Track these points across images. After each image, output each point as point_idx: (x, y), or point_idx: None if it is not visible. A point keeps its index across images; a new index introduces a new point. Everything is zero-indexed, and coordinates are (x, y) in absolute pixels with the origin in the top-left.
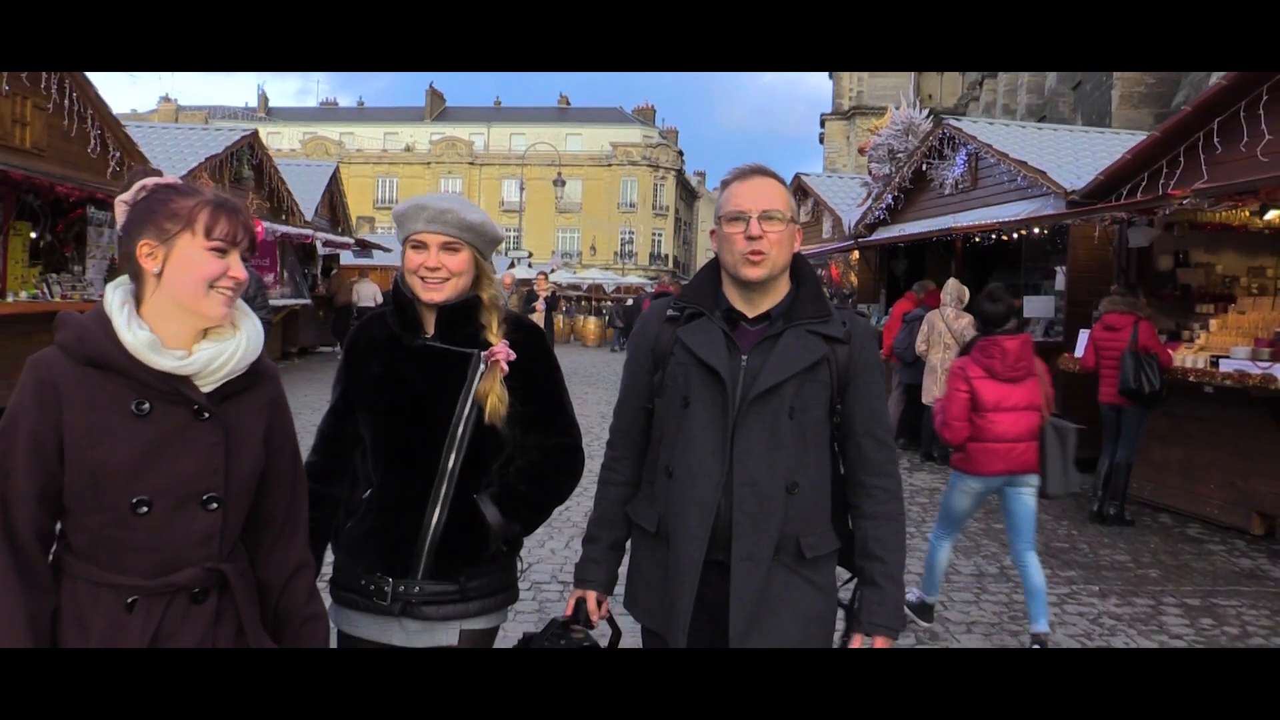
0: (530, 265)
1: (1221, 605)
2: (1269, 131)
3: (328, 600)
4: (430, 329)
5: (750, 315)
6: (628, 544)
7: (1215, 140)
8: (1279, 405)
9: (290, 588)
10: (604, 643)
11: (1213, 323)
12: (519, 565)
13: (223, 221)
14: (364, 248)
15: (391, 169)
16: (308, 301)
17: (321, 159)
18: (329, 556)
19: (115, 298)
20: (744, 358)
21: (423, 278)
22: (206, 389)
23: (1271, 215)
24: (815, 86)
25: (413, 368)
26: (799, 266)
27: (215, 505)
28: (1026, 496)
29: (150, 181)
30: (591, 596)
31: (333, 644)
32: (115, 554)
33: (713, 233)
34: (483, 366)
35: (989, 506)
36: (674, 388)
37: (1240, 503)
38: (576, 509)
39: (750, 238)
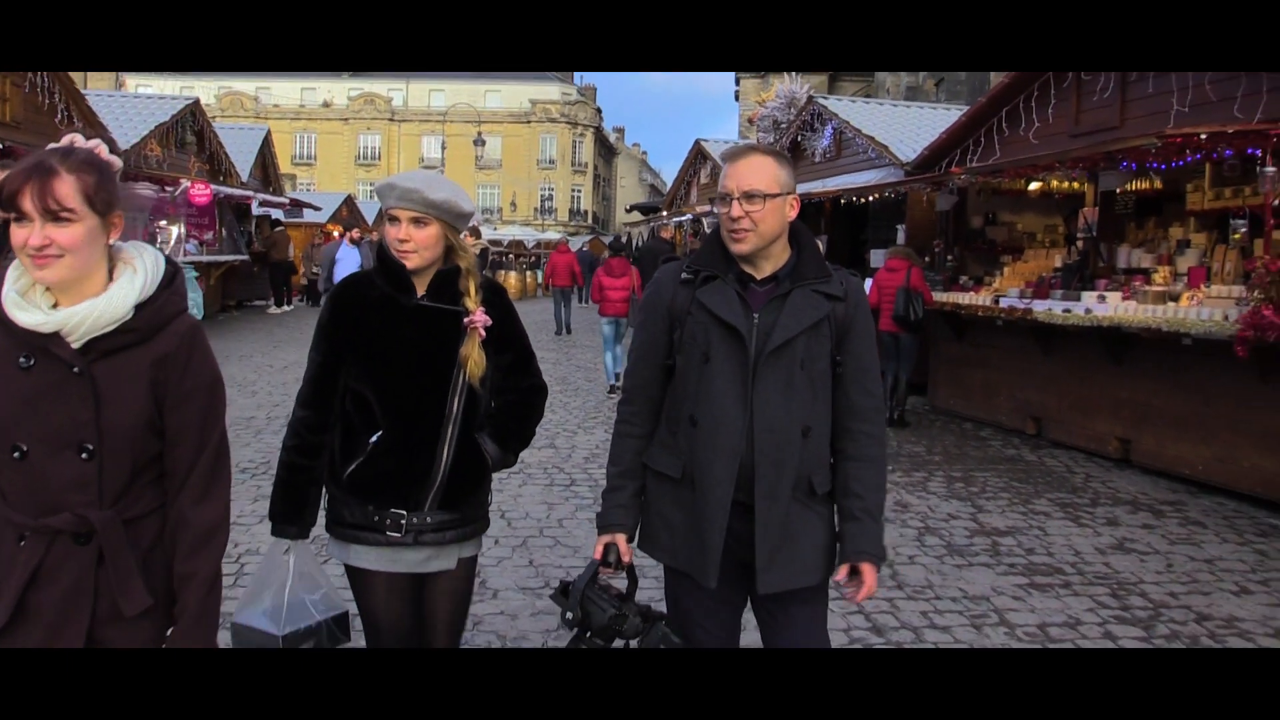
0: None
1: (976, 476)
2: (1038, 120)
3: (323, 539)
4: (421, 290)
5: (758, 277)
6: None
7: (1004, 125)
8: (1040, 332)
9: (175, 540)
10: (623, 587)
11: (1006, 270)
12: (488, 500)
13: (4, 194)
14: (297, 207)
15: (310, 125)
16: (245, 257)
17: (237, 113)
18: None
19: (11, 261)
20: (755, 315)
21: (396, 249)
22: (75, 345)
23: (1034, 186)
24: None
25: (412, 325)
26: (797, 231)
27: (87, 455)
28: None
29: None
30: (621, 539)
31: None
32: (11, 494)
33: (716, 210)
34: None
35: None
36: (694, 344)
37: (1019, 410)
38: None
39: (732, 217)
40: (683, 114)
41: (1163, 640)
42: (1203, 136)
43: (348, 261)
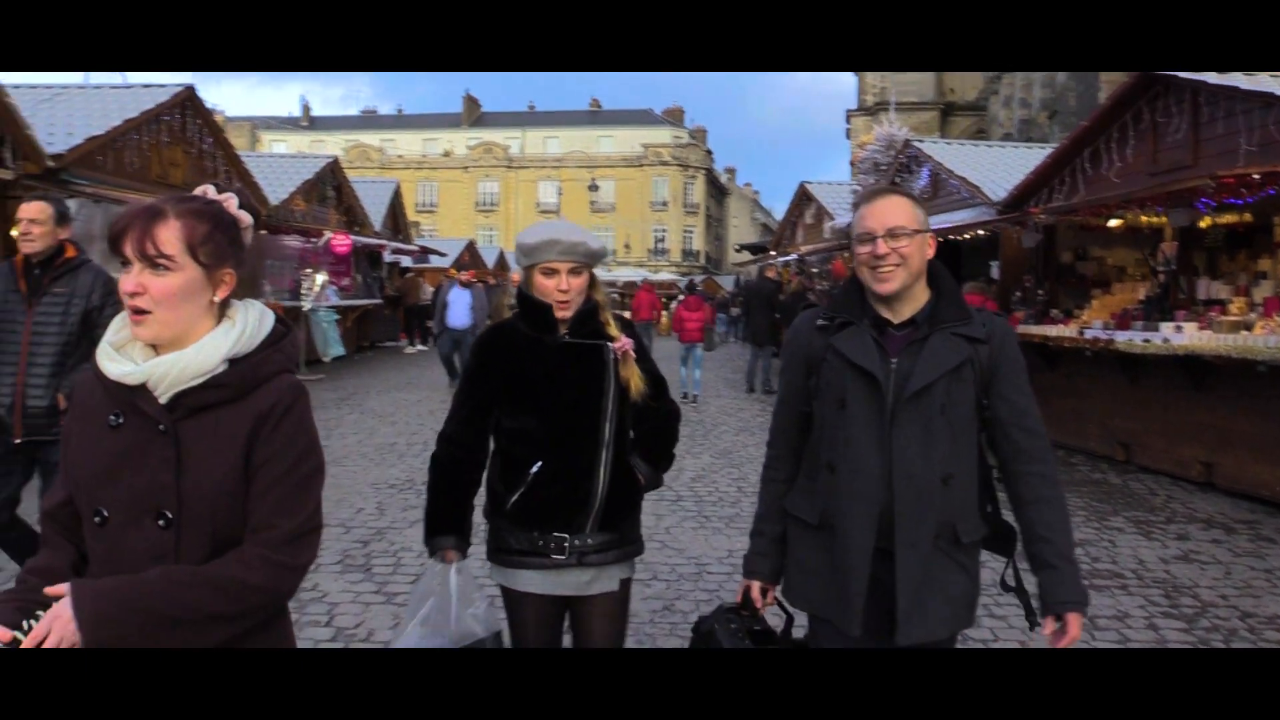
0: None
1: None
2: (1118, 160)
3: (480, 568)
4: (563, 328)
5: (895, 321)
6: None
7: (1086, 165)
8: (1126, 362)
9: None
10: (779, 627)
11: (1095, 303)
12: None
13: (111, 234)
14: (425, 254)
15: (431, 174)
16: (379, 301)
17: (364, 164)
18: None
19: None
20: (893, 361)
21: (556, 300)
22: (162, 399)
23: (1115, 222)
24: (842, 83)
25: (560, 362)
26: (936, 273)
27: (164, 523)
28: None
29: None
30: (755, 586)
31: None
32: (93, 563)
33: (855, 252)
34: (614, 357)
35: None
36: (830, 391)
37: (1108, 437)
38: None
39: (877, 256)
40: (793, 154)
41: (1201, 632)
42: (1256, 176)
43: (459, 304)
